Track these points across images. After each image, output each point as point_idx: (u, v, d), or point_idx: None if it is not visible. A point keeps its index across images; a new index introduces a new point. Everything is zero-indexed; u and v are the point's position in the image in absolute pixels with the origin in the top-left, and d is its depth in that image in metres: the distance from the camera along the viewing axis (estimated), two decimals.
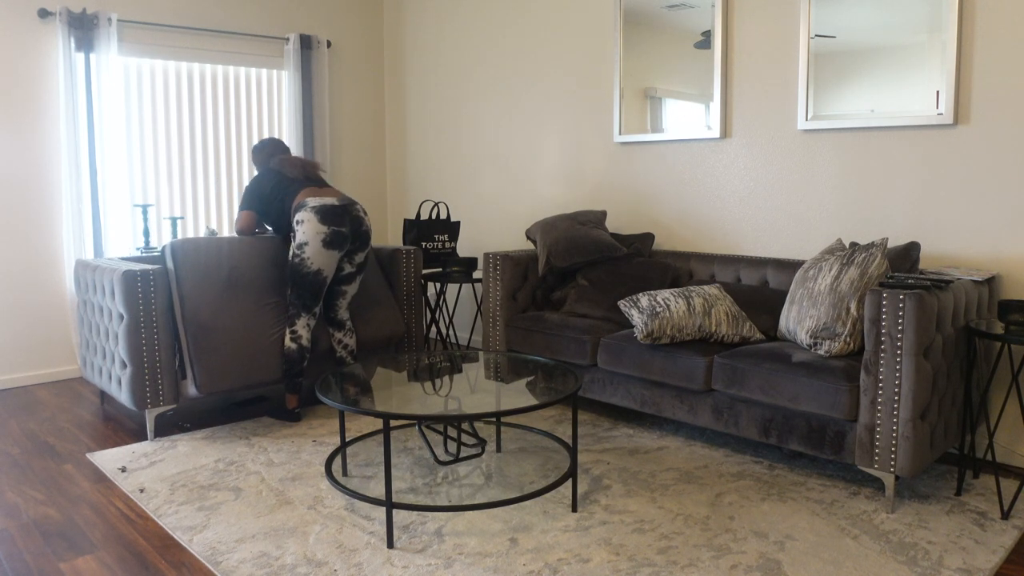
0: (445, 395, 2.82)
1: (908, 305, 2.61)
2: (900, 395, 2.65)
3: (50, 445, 3.55)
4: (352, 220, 3.63)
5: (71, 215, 4.57)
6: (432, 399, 2.77)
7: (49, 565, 2.45)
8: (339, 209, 3.58)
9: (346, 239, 3.61)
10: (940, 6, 3.20)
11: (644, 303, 3.40)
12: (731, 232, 4.02)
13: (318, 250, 3.54)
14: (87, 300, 3.88)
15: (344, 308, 3.87)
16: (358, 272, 3.80)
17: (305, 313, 3.67)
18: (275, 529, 2.65)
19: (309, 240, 3.53)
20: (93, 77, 4.60)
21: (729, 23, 3.92)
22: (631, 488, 2.96)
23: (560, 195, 4.83)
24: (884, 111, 3.40)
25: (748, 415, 3.09)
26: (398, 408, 2.66)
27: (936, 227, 3.33)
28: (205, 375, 3.51)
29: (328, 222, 3.54)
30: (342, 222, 3.57)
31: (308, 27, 5.55)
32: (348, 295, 3.85)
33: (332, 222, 3.54)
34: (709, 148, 4.07)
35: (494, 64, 5.15)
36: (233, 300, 3.65)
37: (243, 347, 3.61)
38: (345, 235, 3.59)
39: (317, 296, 3.66)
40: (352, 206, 3.66)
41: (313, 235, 3.53)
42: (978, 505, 2.80)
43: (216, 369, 3.54)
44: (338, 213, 3.57)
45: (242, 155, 5.33)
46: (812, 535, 2.57)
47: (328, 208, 3.55)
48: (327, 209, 3.55)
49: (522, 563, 2.40)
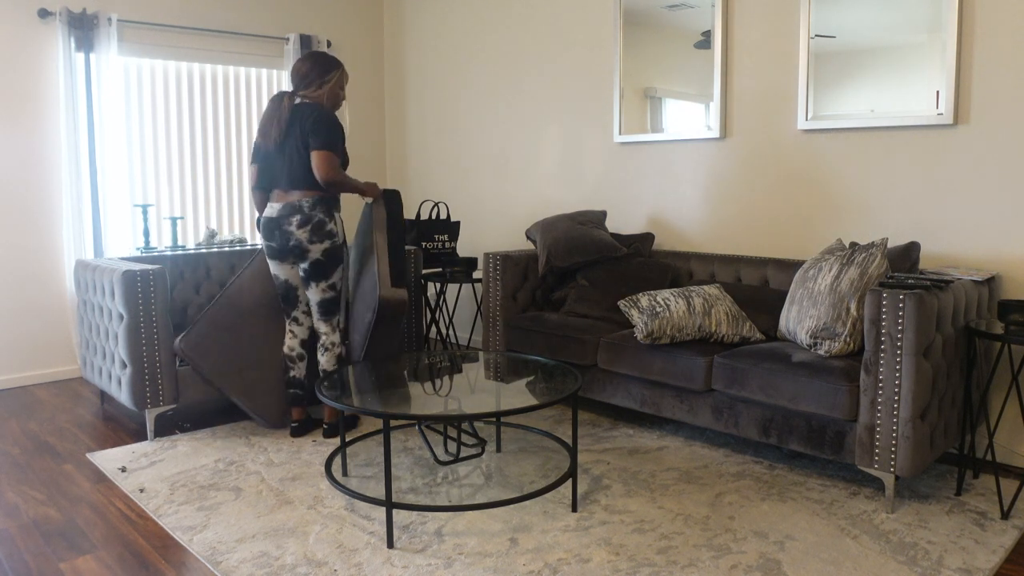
0: (445, 395, 2.82)
1: (908, 305, 2.61)
2: (900, 395, 2.65)
3: (50, 445, 3.54)
4: (282, 235, 3.35)
5: (71, 215, 4.57)
6: (432, 399, 2.77)
7: (49, 565, 2.45)
8: (272, 223, 3.37)
9: (277, 252, 3.42)
10: (940, 6, 3.20)
11: (644, 303, 3.40)
12: (731, 232, 4.02)
13: (267, 259, 3.53)
14: (87, 300, 3.88)
15: (316, 318, 3.48)
16: (309, 278, 3.41)
17: (287, 319, 3.58)
18: (275, 529, 2.65)
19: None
20: (93, 77, 4.60)
21: (729, 23, 3.92)
22: (631, 488, 2.96)
23: (560, 195, 4.83)
24: (884, 111, 3.40)
25: (748, 415, 3.09)
26: (398, 408, 2.66)
27: (936, 227, 3.33)
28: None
29: (264, 235, 3.43)
30: (271, 236, 3.39)
31: (308, 27, 5.55)
32: (312, 302, 3.46)
33: (265, 236, 3.42)
34: (709, 148, 4.07)
35: (494, 64, 5.15)
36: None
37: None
38: (275, 249, 3.41)
39: (287, 301, 3.54)
40: (285, 219, 3.32)
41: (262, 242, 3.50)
42: (978, 505, 2.80)
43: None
44: (270, 227, 3.38)
45: (242, 155, 5.32)
46: (812, 535, 2.57)
47: (264, 220, 3.40)
48: (264, 221, 3.41)
49: (522, 563, 2.40)
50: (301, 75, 3.37)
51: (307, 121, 3.29)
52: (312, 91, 3.37)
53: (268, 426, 3.68)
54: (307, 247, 3.34)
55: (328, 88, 3.39)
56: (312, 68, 3.37)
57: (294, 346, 3.59)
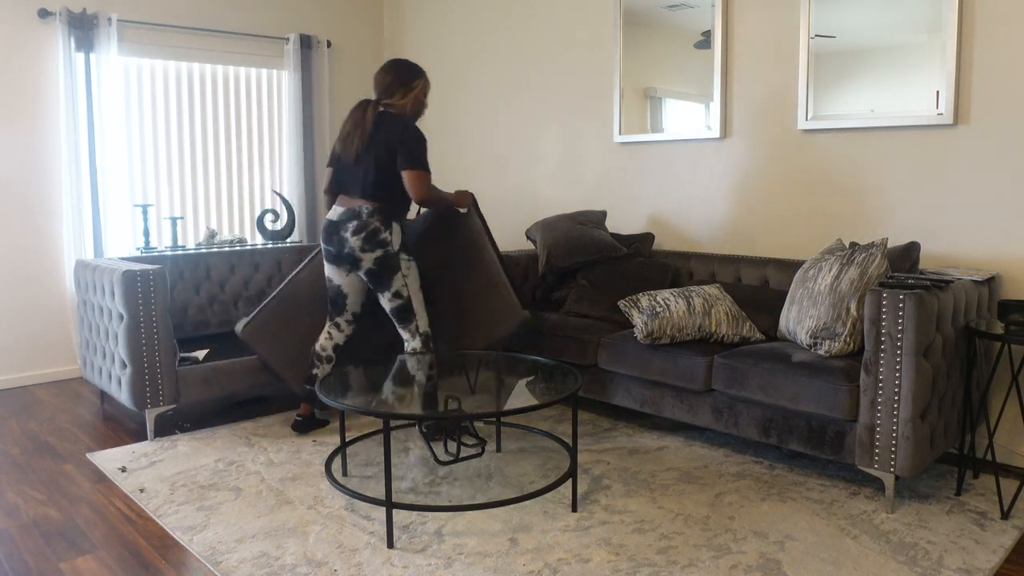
0: (445, 395, 2.82)
1: (908, 305, 2.61)
2: (900, 395, 2.65)
3: (50, 445, 3.54)
4: (338, 241, 3.34)
5: (71, 215, 4.57)
6: (432, 399, 2.77)
7: (49, 565, 2.45)
8: (331, 226, 3.35)
9: (333, 257, 3.40)
10: (940, 6, 3.20)
11: (644, 303, 3.40)
12: (731, 232, 4.02)
13: (324, 261, 3.48)
14: (87, 300, 3.88)
15: (396, 325, 3.46)
16: (374, 289, 3.41)
17: (328, 321, 3.56)
18: (275, 529, 2.65)
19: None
20: (93, 77, 4.60)
21: (729, 23, 3.92)
22: (631, 488, 2.96)
23: (560, 195, 4.83)
24: (884, 111, 3.40)
25: (748, 415, 3.09)
26: (398, 408, 2.66)
27: (936, 227, 3.33)
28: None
29: (323, 238, 3.41)
30: (329, 240, 3.37)
31: (308, 27, 5.55)
32: (387, 312, 3.45)
33: (324, 239, 3.40)
34: (709, 148, 4.07)
35: (494, 64, 5.15)
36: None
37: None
38: (332, 253, 3.39)
39: (334, 303, 3.50)
40: (343, 224, 3.31)
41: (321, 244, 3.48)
42: (978, 505, 2.80)
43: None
44: (328, 231, 3.37)
45: (242, 155, 5.33)
46: (812, 535, 2.57)
47: (326, 224, 3.39)
48: (325, 224, 3.40)
49: (522, 563, 2.40)
50: (384, 85, 3.35)
51: (393, 134, 3.27)
52: (396, 99, 3.35)
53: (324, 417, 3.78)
54: (359, 255, 3.30)
55: (412, 96, 3.37)
56: (396, 77, 3.35)
57: (326, 346, 3.57)
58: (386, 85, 3.35)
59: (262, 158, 5.41)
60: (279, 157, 5.49)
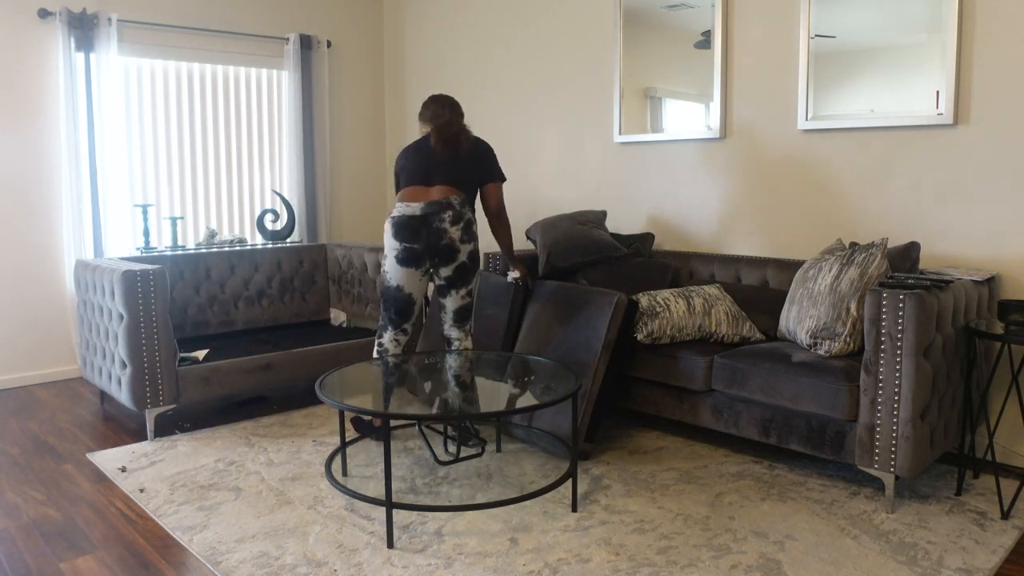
0: (445, 395, 2.82)
1: (908, 305, 2.61)
2: (900, 395, 2.65)
3: (50, 445, 3.55)
4: (432, 233, 3.17)
5: (71, 215, 4.57)
6: (432, 399, 2.77)
7: (49, 565, 2.45)
8: (416, 221, 3.17)
9: (420, 256, 3.21)
10: (940, 6, 3.20)
11: (644, 303, 3.40)
12: (731, 232, 4.02)
13: (394, 266, 3.24)
14: (87, 300, 3.88)
15: (449, 324, 3.40)
16: (450, 286, 3.29)
17: (392, 328, 3.37)
18: (275, 529, 2.65)
19: (387, 253, 3.26)
20: (93, 77, 4.60)
21: (729, 23, 3.92)
22: (631, 488, 2.96)
23: (560, 195, 4.83)
24: (884, 111, 3.40)
25: (748, 415, 3.09)
26: (398, 408, 2.66)
27: (936, 227, 3.33)
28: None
29: (401, 237, 3.19)
30: (416, 237, 3.17)
31: (308, 27, 5.55)
32: (448, 310, 3.36)
33: (404, 238, 3.18)
34: (709, 148, 4.07)
35: (494, 64, 5.15)
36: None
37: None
38: (418, 252, 3.19)
39: (403, 312, 3.32)
40: (436, 216, 3.16)
41: (388, 249, 3.25)
42: (978, 505, 2.80)
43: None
44: (413, 227, 3.17)
45: (242, 155, 5.33)
46: (812, 535, 2.57)
47: (403, 221, 3.18)
48: (402, 222, 3.18)
49: (522, 563, 2.40)
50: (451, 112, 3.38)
51: (479, 145, 3.35)
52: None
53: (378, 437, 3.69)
54: (458, 247, 3.20)
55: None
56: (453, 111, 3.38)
57: (398, 353, 3.40)
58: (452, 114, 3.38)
59: (262, 158, 5.41)
60: (279, 157, 5.49)
